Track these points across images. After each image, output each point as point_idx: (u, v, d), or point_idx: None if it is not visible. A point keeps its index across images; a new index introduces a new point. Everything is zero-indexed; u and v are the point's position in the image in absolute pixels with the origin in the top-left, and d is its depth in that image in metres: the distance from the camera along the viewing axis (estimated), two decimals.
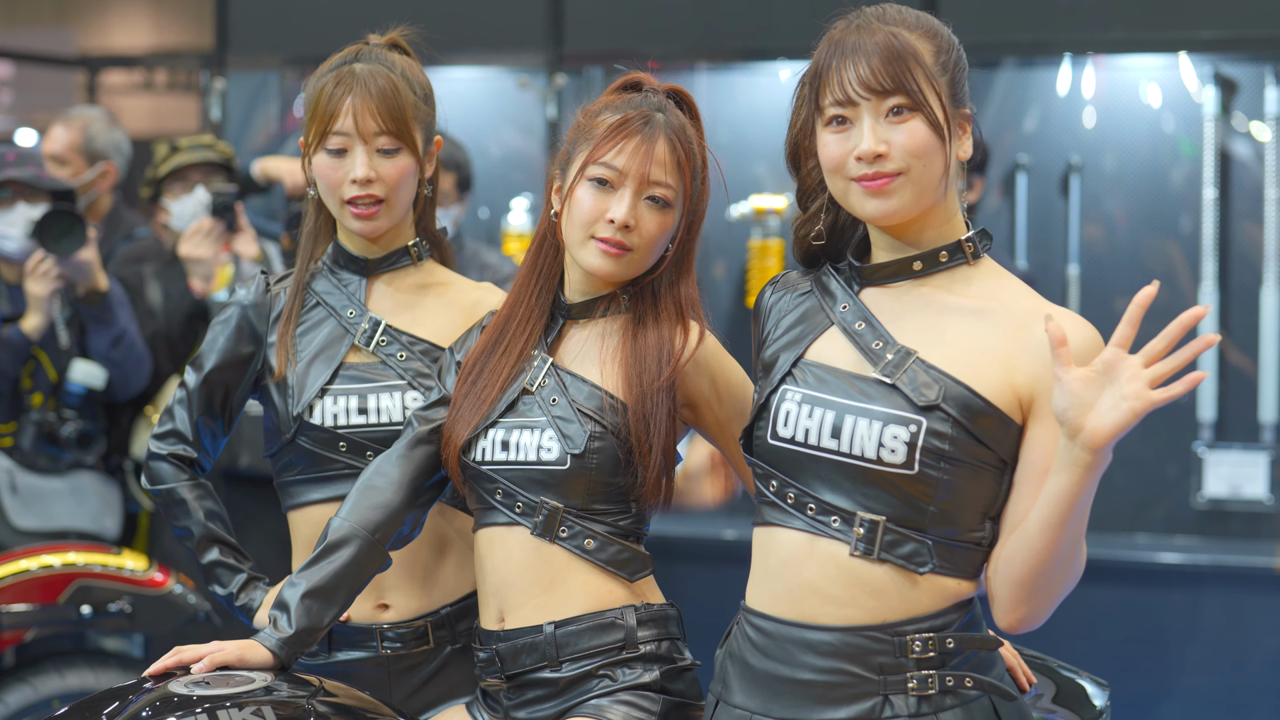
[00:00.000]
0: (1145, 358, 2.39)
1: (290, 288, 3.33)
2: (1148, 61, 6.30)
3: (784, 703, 2.64)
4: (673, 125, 2.93)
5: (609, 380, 2.94)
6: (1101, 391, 2.41)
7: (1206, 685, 5.99)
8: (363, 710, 2.82)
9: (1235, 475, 6.14)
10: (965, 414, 2.57)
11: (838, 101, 2.62)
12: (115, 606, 4.93)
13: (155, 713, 2.65)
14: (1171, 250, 6.30)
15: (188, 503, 3.34)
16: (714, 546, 6.09)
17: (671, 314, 2.97)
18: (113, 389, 5.43)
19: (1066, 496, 2.47)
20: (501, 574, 2.96)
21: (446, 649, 3.25)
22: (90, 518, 5.46)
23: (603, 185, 2.91)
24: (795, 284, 2.84)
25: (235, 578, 3.32)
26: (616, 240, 2.90)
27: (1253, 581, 5.92)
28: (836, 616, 2.61)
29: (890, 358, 2.63)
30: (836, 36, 2.65)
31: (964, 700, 2.60)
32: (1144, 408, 2.37)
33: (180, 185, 5.67)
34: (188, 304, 5.54)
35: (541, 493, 2.92)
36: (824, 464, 2.62)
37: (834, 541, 2.61)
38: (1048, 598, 2.58)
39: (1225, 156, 6.20)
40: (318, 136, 3.23)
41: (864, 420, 2.59)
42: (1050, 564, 2.53)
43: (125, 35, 14.16)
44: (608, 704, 2.88)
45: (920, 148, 2.60)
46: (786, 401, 2.67)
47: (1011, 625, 2.61)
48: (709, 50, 6.51)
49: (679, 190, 2.93)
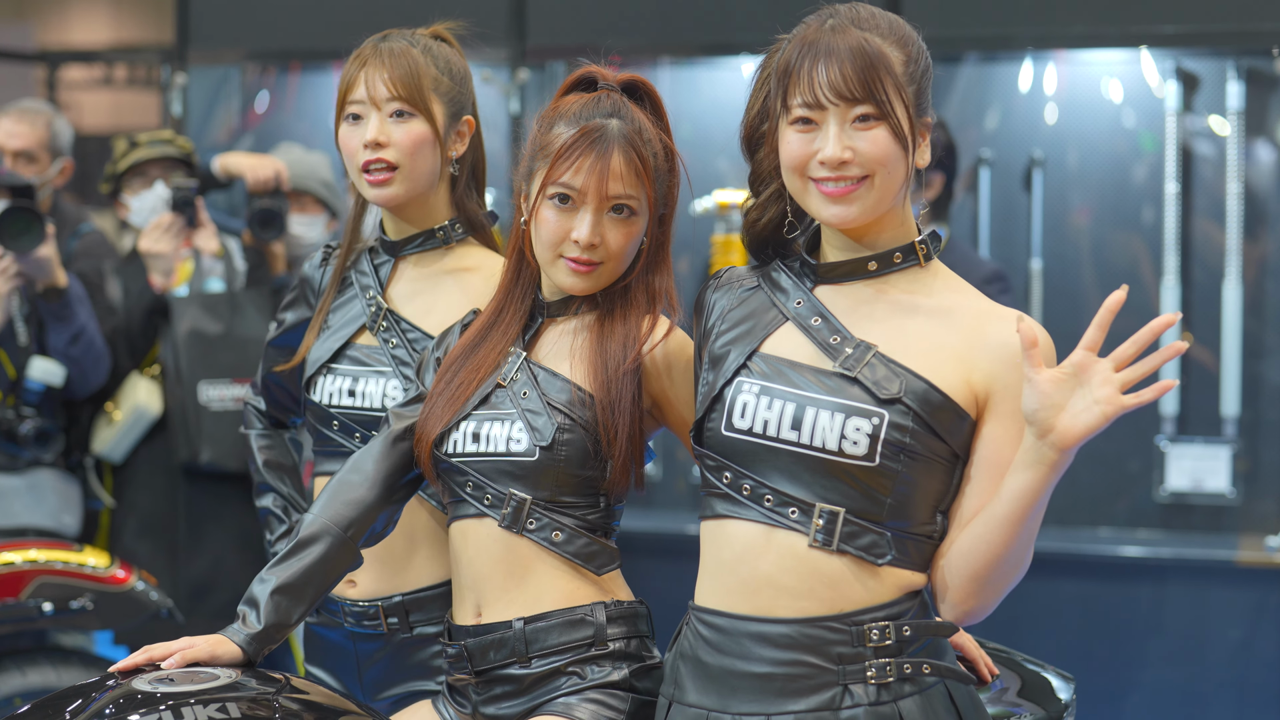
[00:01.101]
0: (1115, 362, 2.42)
1: (334, 266, 3.43)
2: (1109, 56, 6.31)
3: (742, 698, 2.64)
4: (626, 133, 2.92)
5: (578, 372, 2.94)
6: (1072, 393, 2.44)
7: (1169, 678, 6.01)
8: (329, 706, 2.81)
9: (1197, 469, 6.16)
10: (925, 408, 2.59)
11: (806, 103, 2.62)
12: (77, 604, 4.90)
13: (119, 710, 2.64)
14: (1134, 245, 6.32)
15: (253, 451, 3.60)
16: (676, 541, 6.08)
17: (641, 304, 2.97)
18: (71, 386, 5.40)
19: (1029, 494, 2.50)
20: (476, 567, 2.96)
21: (398, 636, 3.25)
22: (49, 515, 5.43)
23: (564, 202, 2.91)
24: (739, 280, 2.85)
25: (280, 527, 3.48)
26: (585, 259, 2.91)
27: (1214, 575, 5.94)
28: (793, 608, 2.62)
29: (850, 351, 2.64)
30: (810, 36, 2.65)
31: (922, 687, 2.62)
32: (1115, 412, 2.41)
33: (140, 180, 5.66)
34: (148, 300, 5.51)
35: (510, 484, 2.92)
36: (783, 455, 2.63)
37: (791, 532, 2.62)
38: (998, 591, 2.61)
39: (1187, 151, 6.22)
40: (338, 109, 3.31)
41: (825, 412, 2.60)
42: (1006, 559, 2.56)
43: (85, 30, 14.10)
44: (576, 702, 2.87)
45: (884, 156, 2.61)
46: (743, 393, 2.68)
47: (959, 618, 2.64)
48: (671, 44, 6.51)
49: (641, 196, 2.93)
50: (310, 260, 3.53)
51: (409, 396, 3.09)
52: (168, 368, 5.49)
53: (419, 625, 3.24)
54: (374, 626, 3.27)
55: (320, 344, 3.37)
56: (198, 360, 5.44)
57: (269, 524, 3.50)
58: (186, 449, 5.45)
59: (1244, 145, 6.11)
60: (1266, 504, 6.15)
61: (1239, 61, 6.09)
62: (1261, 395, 6.17)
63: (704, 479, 2.75)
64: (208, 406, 5.44)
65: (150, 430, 5.55)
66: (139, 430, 5.52)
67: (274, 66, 7.14)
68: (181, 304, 5.47)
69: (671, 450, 6.55)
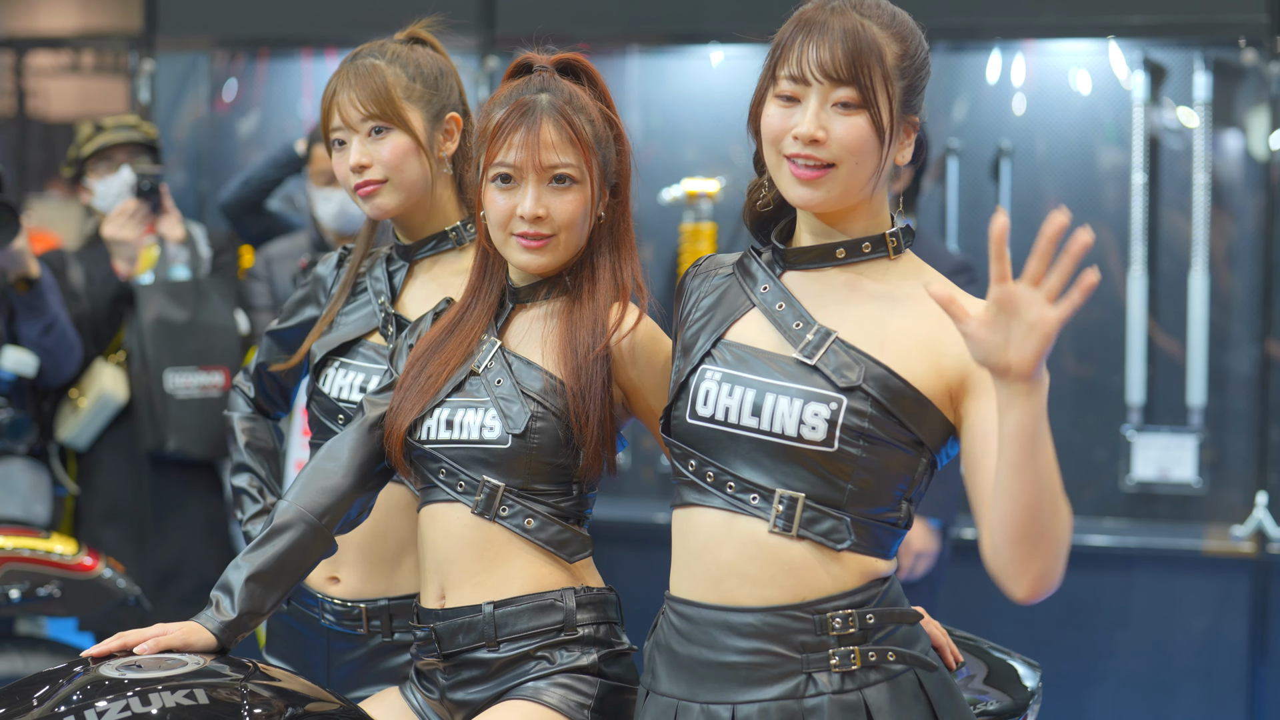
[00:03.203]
0: (1031, 280, 2.37)
1: (348, 271, 3.45)
2: (1077, 47, 6.33)
3: (709, 687, 2.65)
4: (555, 104, 2.94)
5: (549, 360, 2.95)
6: (1008, 328, 2.37)
7: (1135, 666, 6.04)
8: (299, 693, 2.81)
9: (1163, 458, 6.18)
10: (885, 394, 2.60)
11: (791, 77, 2.63)
12: (45, 591, 4.88)
13: (86, 696, 2.63)
14: (1101, 235, 6.33)
15: (235, 431, 3.56)
16: (646, 530, 6.09)
17: (609, 288, 2.98)
18: (44, 376, 5.37)
19: (1022, 430, 2.40)
20: (443, 551, 2.96)
21: (377, 638, 3.25)
22: (20, 504, 5.42)
23: (506, 182, 2.93)
24: (718, 267, 2.87)
25: (252, 508, 3.45)
26: (534, 233, 2.92)
27: (1180, 564, 5.97)
28: (756, 597, 2.63)
29: (810, 338, 2.65)
30: (809, 14, 2.66)
31: (889, 675, 2.62)
32: (1053, 326, 2.35)
33: (104, 165, 5.62)
34: (112, 286, 5.49)
35: (484, 471, 2.92)
36: (743, 442, 2.64)
37: (752, 519, 2.63)
38: (1049, 547, 2.47)
39: (1154, 142, 6.24)
40: (325, 137, 3.35)
41: (784, 398, 2.62)
42: (1036, 505, 2.44)
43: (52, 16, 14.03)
44: (545, 686, 2.88)
45: (857, 145, 2.62)
46: (706, 381, 2.69)
47: (1032, 590, 2.52)
48: (641, 34, 6.51)
49: (579, 163, 2.94)
50: (326, 261, 3.54)
51: (382, 384, 3.09)
52: (133, 355, 5.47)
53: (400, 631, 3.24)
54: (353, 627, 3.26)
55: (326, 337, 3.37)
56: (163, 348, 5.42)
57: (241, 503, 3.47)
58: (152, 436, 5.43)
59: (1211, 136, 6.13)
60: (1232, 493, 6.17)
61: (1206, 53, 6.11)
62: (1227, 385, 6.19)
63: (673, 467, 2.76)
64: (173, 394, 5.42)
65: (115, 417, 5.53)
66: (104, 417, 5.50)
67: (242, 54, 7.11)
68: (147, 291, 5.45)
69: (638, 439, 6.55)
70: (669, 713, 2.69)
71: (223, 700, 2.67)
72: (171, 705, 2.61)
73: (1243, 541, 5.94)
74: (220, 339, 5.53)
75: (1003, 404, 2.42)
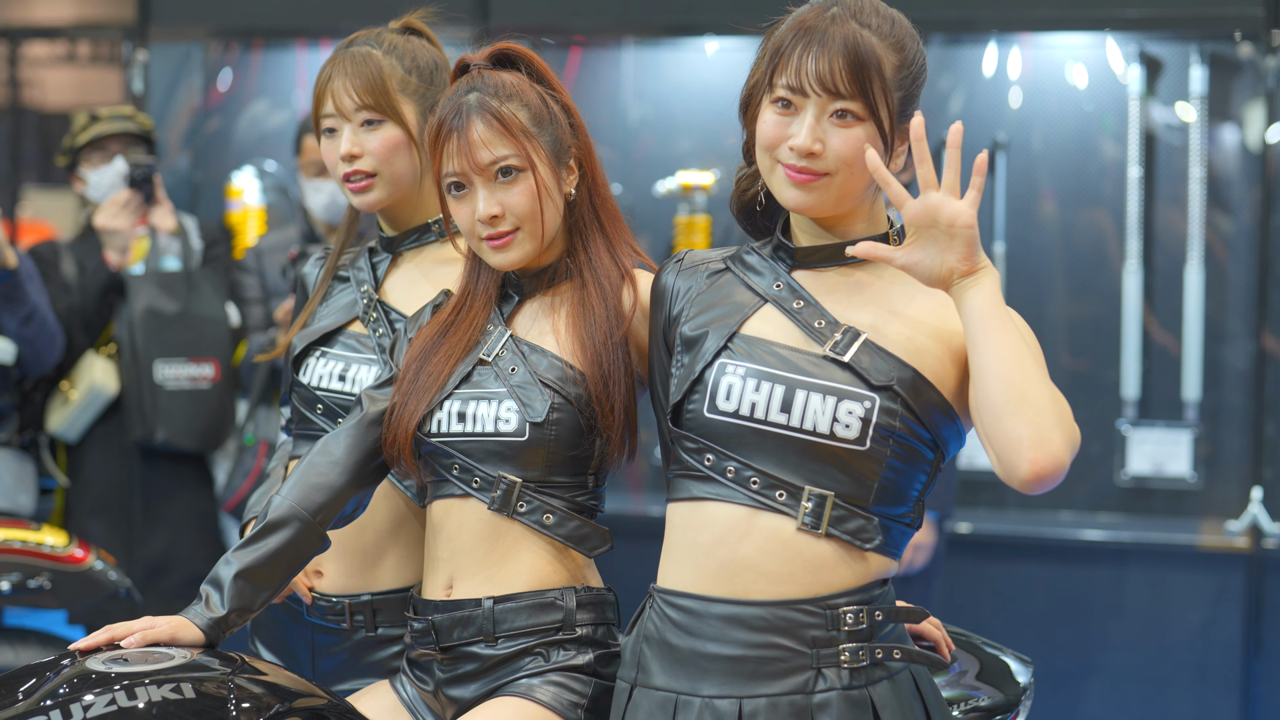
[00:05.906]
0: (928, 188, 2.52)
1: (326, 266, 3.44)
2: (1073, 40, 6.32)
3: (713, 680, 2.63)
4: (481, 100, 2.92)
5: (565, 349, 2.93)
6: (933, 240, 2.53)
7: (1129, 661, 6.03)
8: (287, 688, 2.79)
9: (1158, 453, 6.18)
10: (912, 394, 2.60)
11: (790, 87, 2.62)
12: (35, 582, 4.87)
13: (73, 689, 2.61)
14: (1097, 228, 6.32)
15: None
16: (637, 523, 6.08)
17: (613, 272, 2.97)
18: (25, 365, 5.36)
19: (980, 309, 2.52)
20: (456, 542, 2.93)
21: (360, 633, 3.23)
22: (4, 494, 5.40)
23: (460, 190, 2.93)
24: (702, 263, 2.85)
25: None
26: (497, 233, 2.91)
27: (1175, 558, 5.97)
28: (769, 591, 2.61)
29: (839, 337, 2.64)
30: (809, 21, 2.64)
31: (891, 673, 2.63)
32: (968, 218, 2.51)
33: (99, 155, 5.61)
34: (103, 277, 5.48)
35: (500, 466, 2.90)
36: (770, 438, 2.63)
37: (778, 515, 2.62)
38: (1035, 414, 2.49)
39: (1150, 136, 6.23)
40: (315, 122, 3.34)
41: (817, 395, 2.60)
42: (1006, 374, 2.48)
43: (47, 6, 14.02)
44: (538, 684, 2.86)
45: (854, 157, 2.61)
46: (727, 375, 2.67)
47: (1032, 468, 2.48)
48: (635, 25, 6.50)
49: (518, 150, 2.91)
50: (310, 260, 3.53)
51: (381, 379, 3.06)
52: (123, 346, 5.46)
53: (384, 626, 3.22)
54: (337, 621, 3.24)
55: (308, 329, 3.36)
56: (153, 339, 5.42)
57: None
58: (141, 427, 5.43)
59: (1207, 130, 6.13)
60: (1227, 488, 6.17)
61: (1202, 46, 6.10)
62: (1222, 380, 6.19)
63: (679, 461, 2.73)
64: (163, 385, 5.41)
65: (106, 409, 5.52)
66: (95, 409, 5.49)
67: (236, 44, 7.10)
68: (137, 282, 5.44)
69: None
70: (667, 707, 2.67)
71: (210, 694, 2.65)
72: (158, 699, 2.59)
73: (1237, 536, 5.94)
74: (211, 330, 5.53)
75: (960, 302, 2.54)
